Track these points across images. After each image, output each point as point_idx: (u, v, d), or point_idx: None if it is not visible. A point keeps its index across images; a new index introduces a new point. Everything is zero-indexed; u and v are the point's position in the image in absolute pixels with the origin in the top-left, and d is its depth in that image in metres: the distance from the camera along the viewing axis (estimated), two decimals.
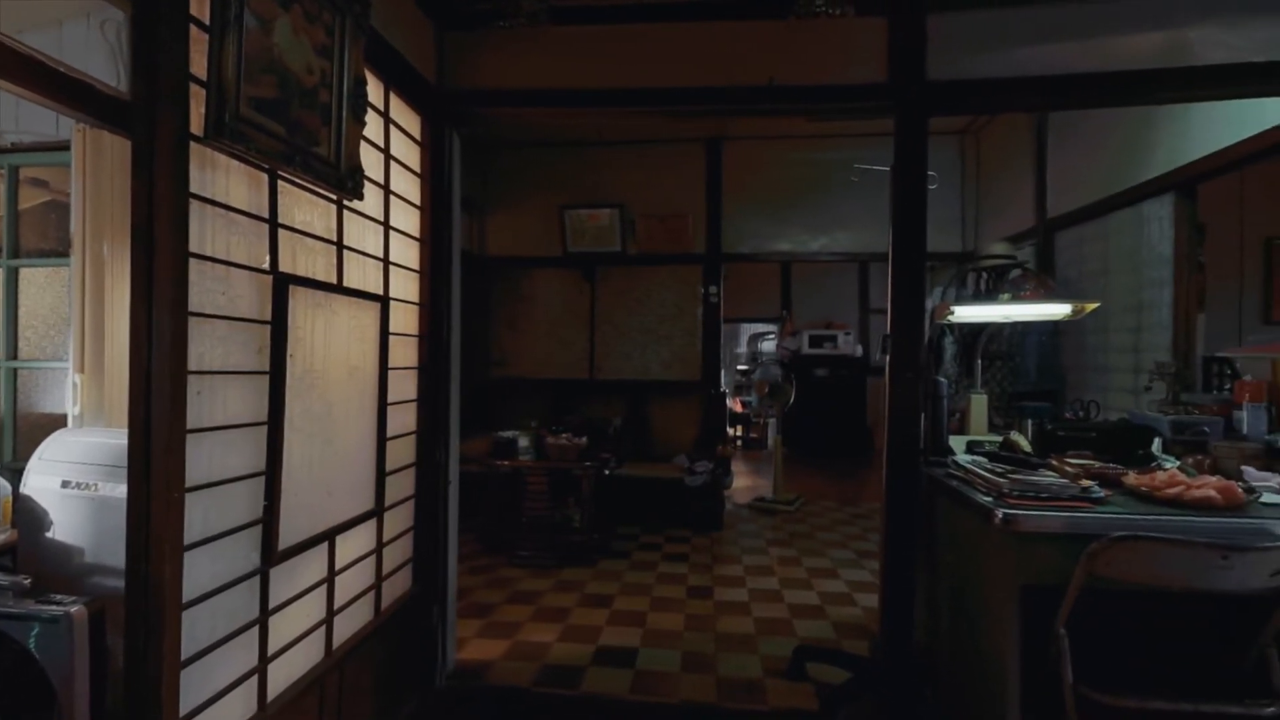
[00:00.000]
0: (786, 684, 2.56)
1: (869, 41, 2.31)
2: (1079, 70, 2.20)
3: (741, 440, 8.98)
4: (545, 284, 5.70)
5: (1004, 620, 1.63)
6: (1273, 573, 1.41)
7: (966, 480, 1.91)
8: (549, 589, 3.57)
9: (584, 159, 5.62)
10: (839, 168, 5.23)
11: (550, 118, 2.58)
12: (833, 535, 4.67)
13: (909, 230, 2.26)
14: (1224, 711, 1.47)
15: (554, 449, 4.06)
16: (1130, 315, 3.59)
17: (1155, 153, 3.29)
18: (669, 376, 5.51)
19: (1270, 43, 2.10)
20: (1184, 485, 1.70)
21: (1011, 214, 4.72)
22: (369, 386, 1.99)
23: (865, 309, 8.72)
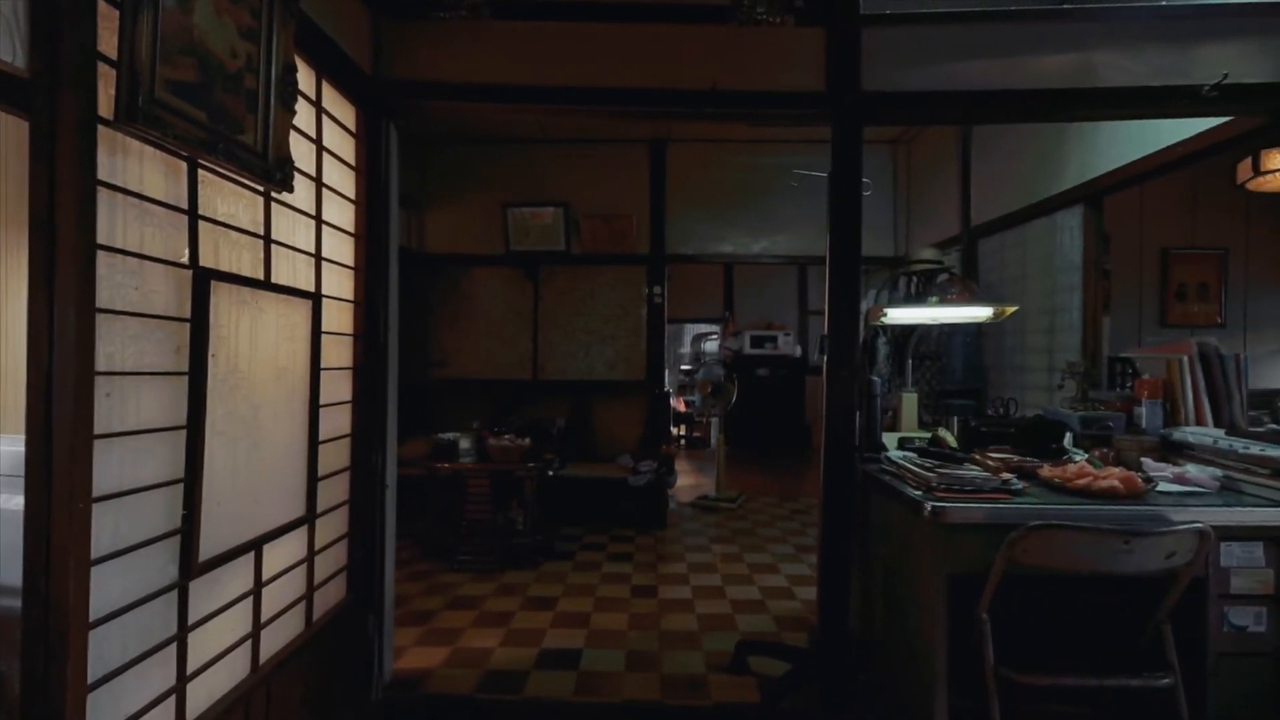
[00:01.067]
0: (729, 678, 2.61)
1: (808, 51, 2.38)
2: (1000, 87, 2.33)
3: (685, 439, 9.07)
4: (487, 283, 5.59)
5: (932, 607, 1.71)
6: (1167, 555, 1.54)
7: (898, 475, 2.00)
8: (491, 593, 3.51)
9: (527, 156, 5.55)
10: (779, 172, 5.36)
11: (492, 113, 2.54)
12: (773, 531, 4.78)
13: (845, 235, 2.34)
14: (1125, 684, 1.59)
15: (496, 450, 3.99)
16: (1045, 318, 3.83)
17: (1067, 167, 3.52)
18: (613, 376, 5.52)
19: (1165, 69, 2.29)
20: (1091, 476, 1.83)
21: (939, 221, 4.96)
22: (300, 388, 1.90)
23: (804, 310, 8.98)
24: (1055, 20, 2.36)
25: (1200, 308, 4.86)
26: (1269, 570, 1.68)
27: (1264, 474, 1.77)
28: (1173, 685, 1.59)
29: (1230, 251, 4.86)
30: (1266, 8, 2.31)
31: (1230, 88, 2.24)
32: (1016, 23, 2.35)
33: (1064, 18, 2.36)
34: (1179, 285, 4.88)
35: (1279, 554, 1.68)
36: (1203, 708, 1.66)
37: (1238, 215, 4.77)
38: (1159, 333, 4.81)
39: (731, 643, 2.82)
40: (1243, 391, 2.29)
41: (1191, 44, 2.30)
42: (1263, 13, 2.31)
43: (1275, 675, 1.68)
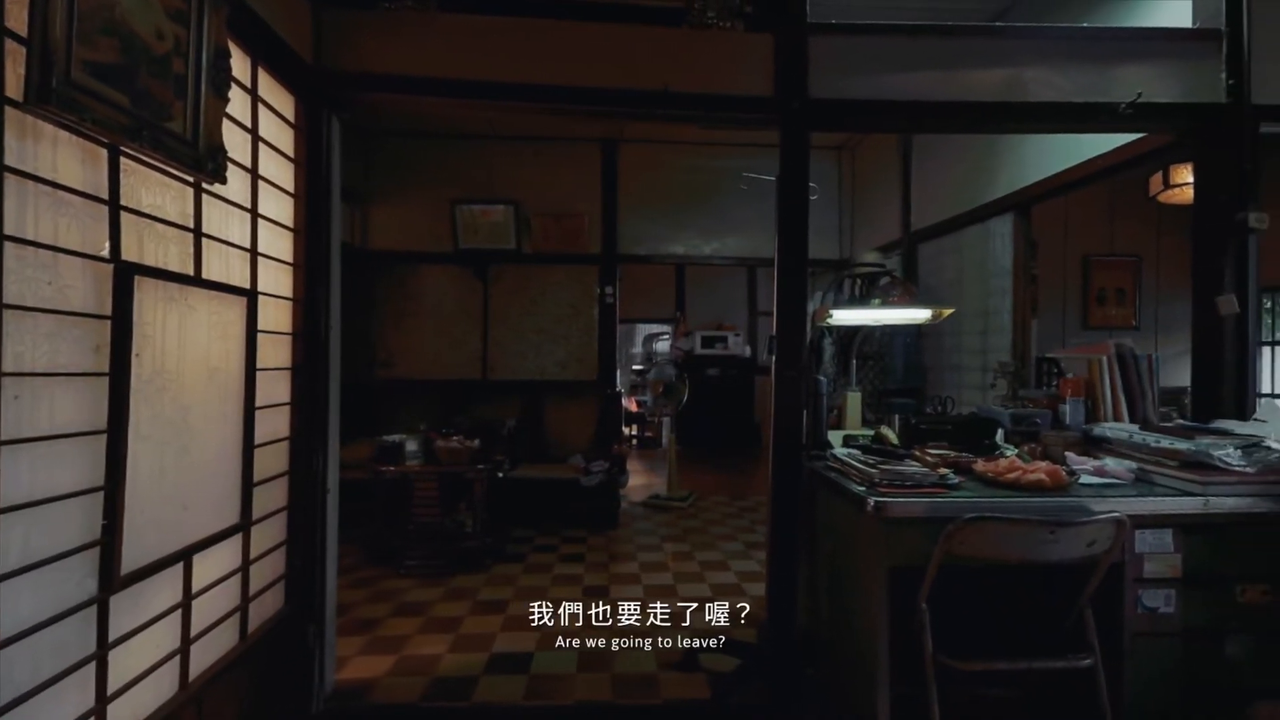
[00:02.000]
0: (680, 675, 2.63)
1: (757, 56, 2.42)
2: (938, 99, 2.43)
3: (637, 439, 9.10)
4: (435, 281, 5.47)
5: (875, 599, 1.77)
6: (1089, 543, 1.64)
7: (843, 472, 2.06)
8: (439, 598, 3.43)
9: (477, 153, 5.45)
10: (730, 175, 5.44)
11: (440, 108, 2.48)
12: (723, 529, 4.84)
13: (793, 238, 2.40)
14: (1051, 666, 1.69)
15: (444, 452, 3.91)
16: (979, 320, 4.01)
17: (999, 176, 3.71)
18: (565, 376, 5.48)
19: (1087, 87, 2.44)
20: (1021, 470, 1.93)
21: (881, 225, 5.14)
22: (233, 389, 1.81)
23: (753, 311, 9.14)
24: (988, 36, 2.48)
25: (1118, 311, 5.19)
26: (1177, 555, 1.81)
27: (1173, 466, 1.91)
28: (1093, 665, 1.69)
29: (1144, 259, 5.21)
30: (1175, 33, 2.49)
31: (1144, 106, 2.40)
32: (953, 38, 2.45)
33: (996, 34, 2.49)
34: (1099, 290, 5.20)
35: (1186, 540, 1.81)
36: (1119, 685, 1.77)
37: (1150, 226, 5.12)
38: (1081, 334, 5.11)
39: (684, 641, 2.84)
40: (1154, 389, 2.46)
41: (1111, 64, 2.45)
42: (1172, 37, 2.48)
43: (1183, 653, 1.81)
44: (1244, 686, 1.79)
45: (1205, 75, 2.44)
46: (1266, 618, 1.82)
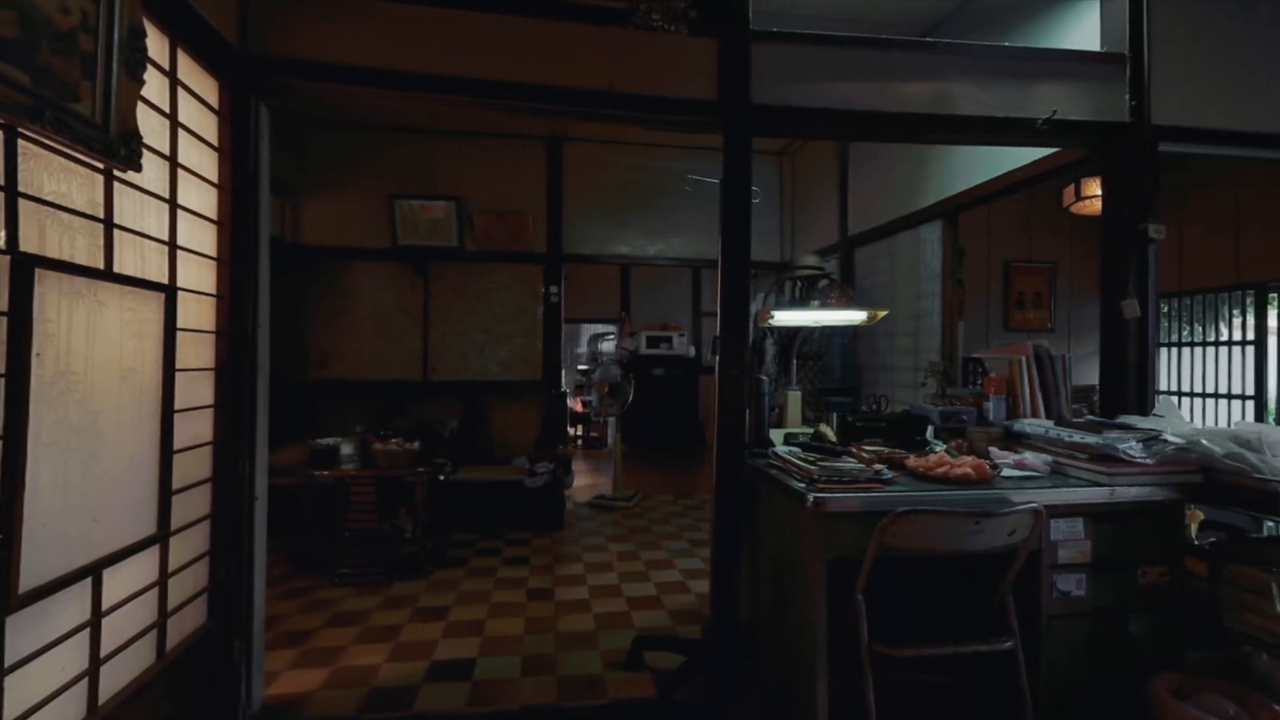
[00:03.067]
0: (626, 675, 2.63)
1: (701, 61, 2.45)
2: (874, 108, 2.53)
3: (582, 439, 9.06)
4: (372, 278, 5.28)
5: (814, 591, 1.82)
6: (1010, 532, 1.74)
7: (784, 469, 2.11)
8: (376, 607, 3.32)
9: (418, 147, 5.31)
10: (674, 176, 5.49)
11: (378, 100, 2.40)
12: (668, 528, 4.88)
13: (736, 240, 2.44)
14: (976, 650, 1.78)
15: (382, 455, 3.78)
16: (911, 321, 4.20)
17: (929, 185, 3.89)
18: (509, 377, 5.40)
19: (1008, 103, 2.59)
20: (949, 465, 2.02)
21: (820, 229, 5.30)
22: (150, 391, 1.70)
23: (698, 312, 9.25)
24: (920, 51, 2.59)
25: (1035, 314, 5.54)
26: (1087, 541, 1.94)
27: (1083, 458, 2.05)
28: (1013, 647, 1.80)
29: (1058, 266, 5.58)
30: (1085, 55, 2.68)
31: (1059, 123, 2.57)
32: (887, 51, 2.55)
33: (927, 49, 2.60)
34: (1019, 294, 5.53)
35: (1095, 527, 1.95)
36: (1037, 664, 1.89)
37: (1064, 234, 5.48)
38: (1003, 336, 5.42)
39: (629, 640, 2.85)
40: (1067, 388, 2.63)
41: (1029, 82, 2.61)
42: (1082, 59, 2.67)
43: (1091, 632, 1.95)
44: (1144, 661, 1.94)
45: (1111, 96, 2.63)
46: (1163, 597, 1.98)
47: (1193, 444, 2.00)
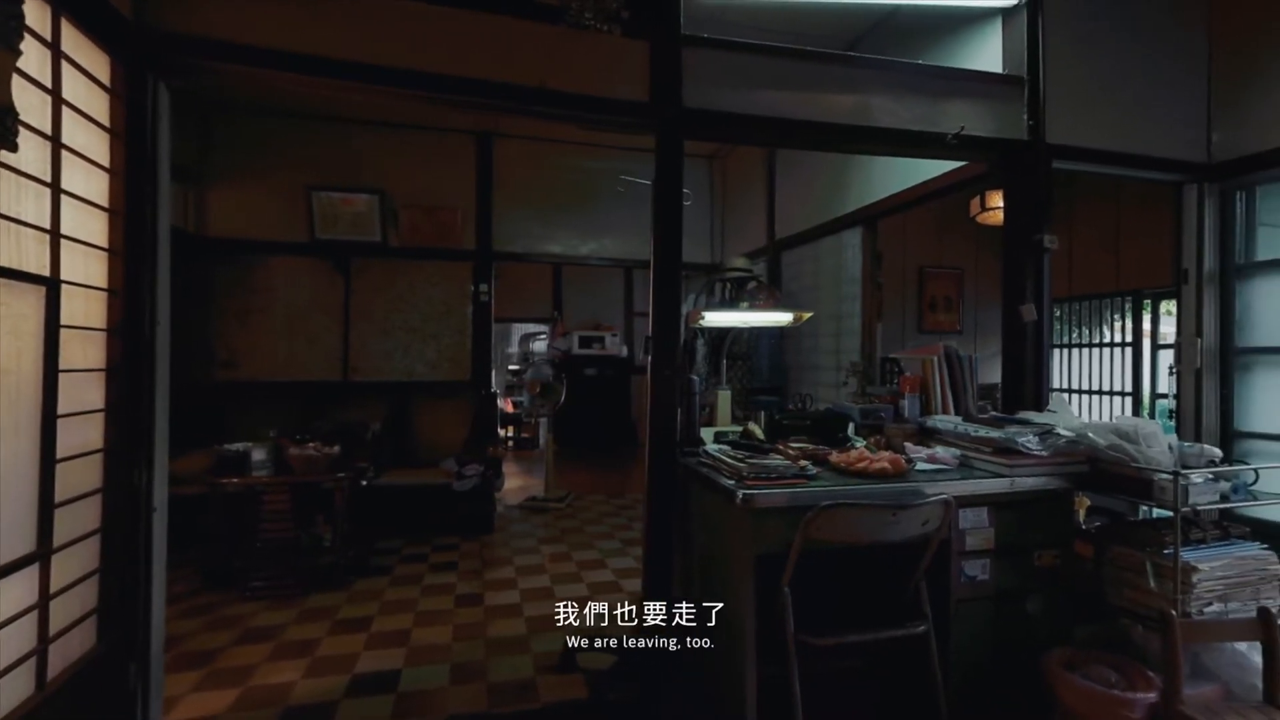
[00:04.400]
0: (558, 678, 2.61)
1: (634, 62, 2.46)
2: (800, 117, 2.61)
3: (513, 441, 8.91)
4: (287, 273, 4.99)
5: (743, 585, 1.87)
6: (923, 523, 1.84)
7: (715, 467, 2.15)
8: (292, 620, 3.14)
9: (338, 136, 5.06)
10: (607, 177, 5.49)
11: (294, 85, 2.26)
12: (601, 528, 4.88)
13: (668, 241, 2.47)
14: (892, 635, 1.88)
15: (299, 460, 3.58)
16: (833, 323, 4.37)
17: (850, 193, 4.06)
18: (436, 377, 5.24)
19: (921, 117, 2.74)
20: (868, 460, 2.13)
21: (749, 232, 5.44)
22: (27, 394, 1.54)
23: (630, 312, 9.29)
24: (842, 64, 2.71)
25: (946, 317, 5.90)
26: (991, 529, 2.09)
27: (988, 452, 2.20)
28: (926, 631, 1.90)
29: (966, 272, 5.96)
30: (989, 76, 2.87)
31: (966, 138, 2.75)
32: (813, 62, 2.65)
33: (849, 63, 2.72)
34: (931, 298, 5.87)
35: (998, 515, 2.10)
36: (947, 645, 2.01)
37: (971, 242, 5.86)
38: (917, 337, 5.74)
39: (561, 642, 2.83)
40: (974, 386, 2.82)
41: (941, 99, 2.78)
42: (987, 80, 2.86)
43: (994, 612, 2.10)
44: (1040, 637, 2.11)
45: (1012, 115, 2.84)
46: (1056, 578, 2.15)
47: (1081, 437, 2.18)
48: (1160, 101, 3.06)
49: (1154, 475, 1.96)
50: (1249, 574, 1.98)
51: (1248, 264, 3.08)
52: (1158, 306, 5.42)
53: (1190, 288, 3.18)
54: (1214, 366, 3.14)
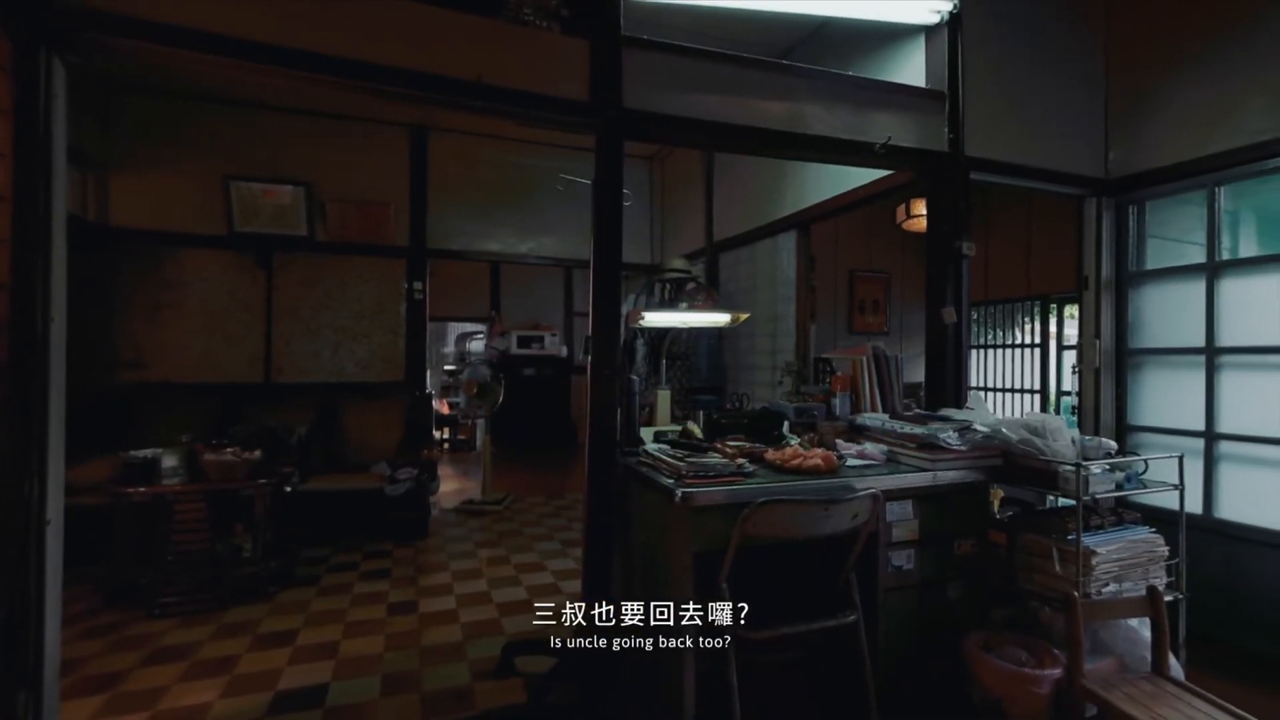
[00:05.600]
0: (496, 683, 2.57)
1: (574, 60, 2.45)
2: (737, 122, 2.67)
3: (449, 442, 8.69)
4: (202, 268, 4.69)
5: (682, 582, 1.89)
6: (853, 516, 1.91)
7: (654, 466, 2.17)
8: (208, 637, 2.95)
9: (260, 124, 4.79)
10: (547, 175, 5.44)
11: (208, 67, 2.12)
12: (540, 529, 4.83)
13: (608, 241, 2.46)
14: (825, 625, 1.94)
15: (215, 467, 3.37)
16: (769, 324, 4.49)
17: (785, 197, 4.18)
18: (367, 378, 5.05)
19: (851, 127, 2.85)
20: (802, 457, 2.19)
21: (688, 234, 5.51)
22: None
23: (570, 312, 9.24)
24: (777, 72, 2.78)
25: (874, 318, 6.16)
26: (915, 521, 2.20)
27: (912, 447, 2.31)
28: (856, 620, 1.98)
29: (892, 275, 6.24)
30: (913, 90, 3.02)
31: (893, 148, 2.87)
32: (749, 68, 2.71)
33: (783, 71, 2.80)
34: (860, 300, 6.12)
35: (922, 508, 2.20)
36: (875, 633, 2.10)
37: (897, 247, 6.15)
38: (848, 338, 5.97)
39: (499, 647, 2.78)
40: (900, 384, 2.96)
41: (869, 110, 2.90)
42: (911, 94, 3.01)
43: (918, 600, 2.21)
44: (960, 621, 2.23)
45: (934, 128, 2.99)
46: (973, 565, 2.28)
47: (995, 432, 2.33)
48: (1065, 120, 3.30)
49: (1059, 467, 2.11)
50: (1140, 556, 2.16)
51: (1139, 272, 3.36)
52: (1063, 310, 5.85)
53: (1090, 294, 3.44)
54: (1110, 366, 3.42)
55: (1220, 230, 3.03)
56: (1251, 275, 2.95)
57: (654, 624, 2.16)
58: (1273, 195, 3.04)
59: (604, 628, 2.41)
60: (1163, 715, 1.71)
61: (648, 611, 2.22)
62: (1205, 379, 3.05)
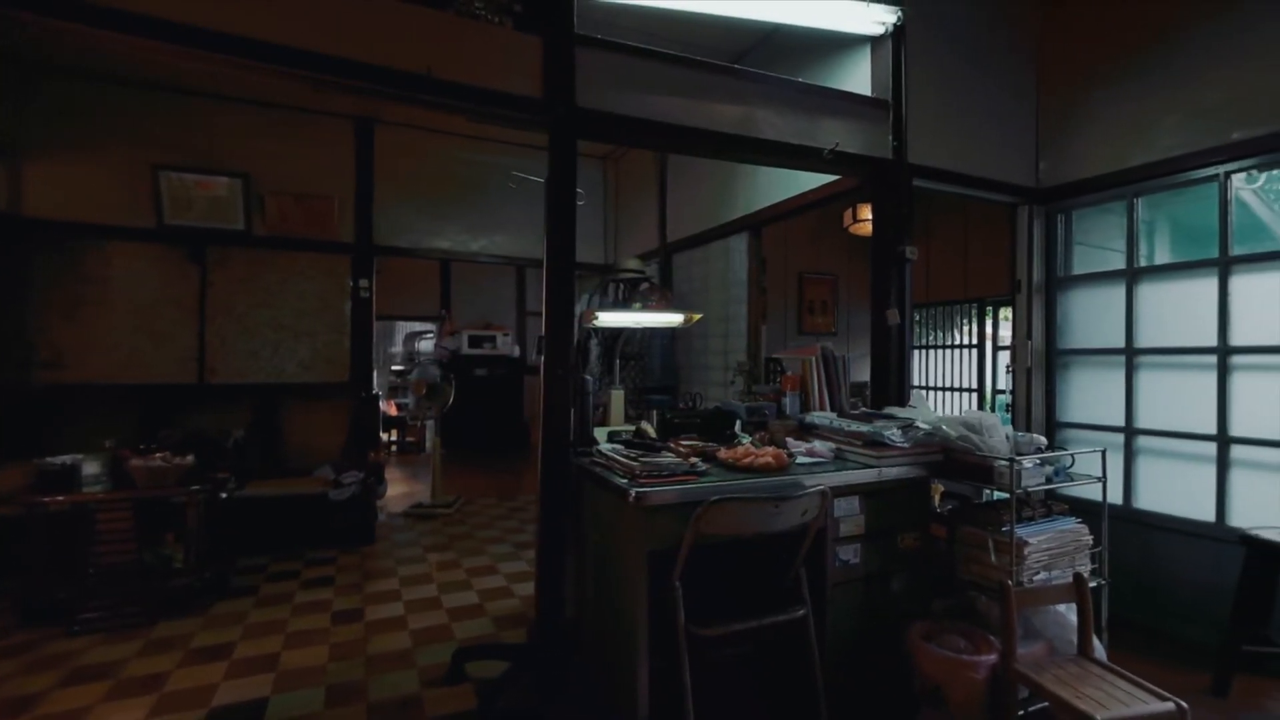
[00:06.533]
0: (445, 690, 2.51)
1: (527, 57, 2.42)
2: (690, 124, 2.69)
3: (397, 445, 8.47)
4: (129, 262, 4.42)
5: (636, 581, 1.90)
6: (803, 513, 1.96)
7: (608, 466, 2.17)
8: (135, 654, 2.79)
9: (194, 112, 4.55)
10: (499, 172, 5.37)
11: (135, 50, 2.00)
12: (492, 532, 4.75)
13: (561, 240, 2.45)
14: (775, 620, 1.98)
15: (142, 473, 3.19)
16: (721, 324, 4.54)
17: (738, 200, 4.24)
18: (310, 379, 4.86)
19: (801, 132, 2.91)
20: (753, 456, 2.23)
21: (642, 234, 5.52)
22: None
23: (522, 312, 9.14)
24: (729, 76, 2.82)
25: (822, 319, 6.31)
26: (861, 516, 2.26)
27: (859, 445, 2.38)
28: (805, 614, 2.03)
29: (840, 278, 6.42)
30: (861, 98, 3.11)
31: (841, 154, 2.96)
32: (702, 72, 2.74)
33: (735, 75, 2.84)
34: (810, 301, 6.26)
35: (868, 504, 2.27)
36: (823, 626, 2.16)
37: (844, 250, 6.32)
38: (797, 338, 6.10)
39: (449, 654, 2.72)
40: (847, 384, 3.04)
41: (818, 116, 2.97)
42: (859, 102, 3.10)
43: (864, 593, 2.27)
44: (903, 612, 2.31)
45: (880, 135, 3.09)
46: (916, 558, 2.37)
47: (936, 430, 2.42)
48: (1001, 131, 3.47)
49: (994, 462, 2.22)
50: (1067, 545, 2.29)
51: (1067, 277, 3.56)
52: (998, 313, 6.13)
53: (1023, 297, 3.63)
54: (1041, 366, 3.61)
55: (1138, 239, 3.24)
56: (1165, 281, 3.16)
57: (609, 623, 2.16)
58: (1185, 207, 3.28)
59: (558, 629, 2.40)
60: (1087, 694, 1.82)
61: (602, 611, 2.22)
62: (1125, 378, 3.25)
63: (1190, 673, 2.62)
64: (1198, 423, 2.97)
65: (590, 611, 2.36)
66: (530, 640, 2.76)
